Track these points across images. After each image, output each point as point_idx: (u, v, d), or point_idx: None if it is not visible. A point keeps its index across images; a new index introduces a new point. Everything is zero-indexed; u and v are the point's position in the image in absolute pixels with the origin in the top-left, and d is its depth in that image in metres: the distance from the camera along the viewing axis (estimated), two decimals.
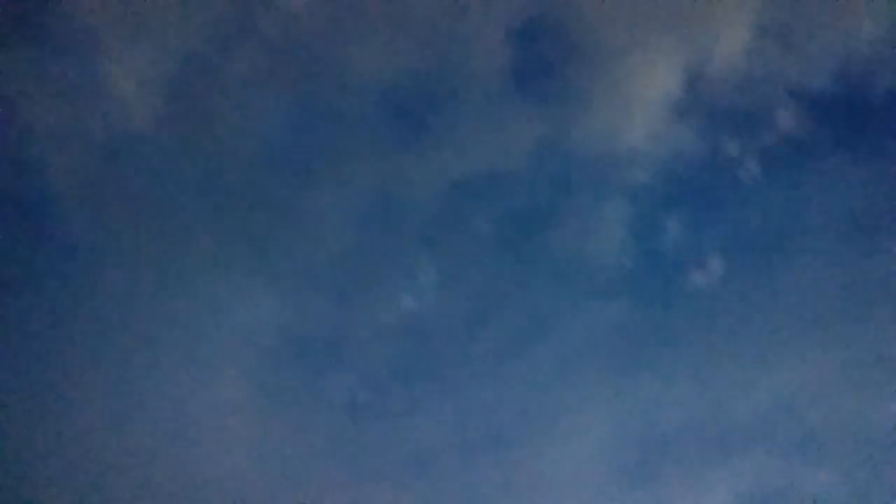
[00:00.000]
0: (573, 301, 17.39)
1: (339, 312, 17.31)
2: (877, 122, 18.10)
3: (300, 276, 17.51)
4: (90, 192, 17.23)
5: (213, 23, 17.85)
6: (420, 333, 17.22)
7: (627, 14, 18.46)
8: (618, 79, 18.56)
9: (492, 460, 16.11)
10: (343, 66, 18.26)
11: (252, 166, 17.81)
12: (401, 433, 16.38)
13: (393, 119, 18.28)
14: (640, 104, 18.51)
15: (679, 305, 17.16)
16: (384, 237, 17.90)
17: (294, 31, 18.15)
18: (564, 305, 17.37)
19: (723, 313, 17.04)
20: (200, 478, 15.35)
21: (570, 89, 18.52)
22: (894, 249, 17.07)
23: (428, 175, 18.20)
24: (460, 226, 18.02)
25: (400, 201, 18.02)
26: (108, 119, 17.43)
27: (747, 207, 17.92)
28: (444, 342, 17.15)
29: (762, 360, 16.59)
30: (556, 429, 16.32)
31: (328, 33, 18.27)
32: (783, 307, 16.96)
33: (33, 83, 17.29)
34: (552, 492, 15.61)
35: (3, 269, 16.37)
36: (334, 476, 15.86)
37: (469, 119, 18.44)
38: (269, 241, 17.56)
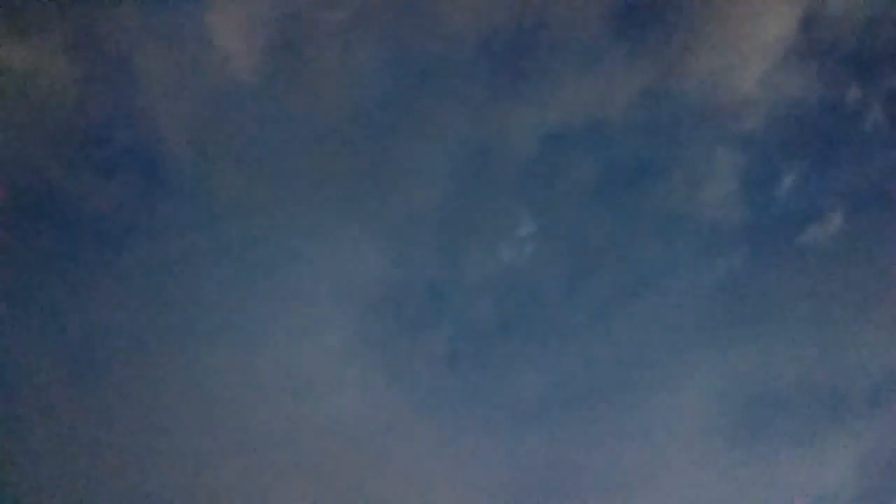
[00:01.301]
0: (679, 256, 16.88)
1: (439, 263, 17.39)
2: None
3: (400, 226, 17.61)
4: (197, 141, 17.66)
5: None
6: (519, 286, 17.14)
7: None
8: (727, 19, 17.53)
9: (592, 415, 16.06)
10: (441, 15, 17.89)
11: (352, 117, 17.83)
12: (499, 385, 16.49)
13: (491, 68, 17.87)
14: (752, 47, 17.48)
15: (794, 262, 16.43)
16: (483, 188, 17.73)
17: None
18: (670, 261, 16.89)
19: (841, 271, 16.24)
20: (305, 423, 15.91)
21: (676, 32, 17.63)
22: None
23: (526, 125, 17.81)
24: (560, 177, 17.64)
25: (498, 151, 17.76)
26: (213, 69, 17.72)
27: (870, 158, 16.86)
28: (544, 295, 17.03)
29: (883, 320, 15.77)
30: (658, 387, 16.09)
31: None
32: None
33: (143, 35, 17.71)
34: (653, 451, 15.48)
35: (117, 214, 17.06)
36: (433, 426, 16.16)
37: (568, 66, 17.85)
38: (369, 192, 17.68)
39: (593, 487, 15.44)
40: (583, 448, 15.81)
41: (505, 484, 15.60)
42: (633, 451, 15.63)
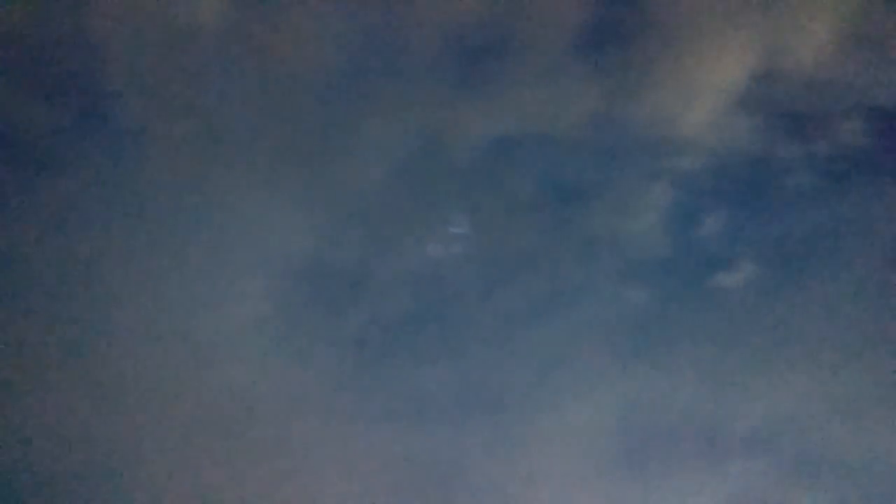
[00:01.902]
0: (597, 280, 17.33)
1: (366, 249, 17.45)
2: None
3: (331, 206, 17.57)
4: (146, 80, 17.25)
5: None
6: (440, 284, 17.34)
7: None
8: (686, 61, 18.05)
9: (488, 422, 16.35)
10: (411, 5, 17.90)
11: (304, 86, 17.69)
12: (404, 379, 16.65)
13: (453, 64, 17.98)
14: (703, 91, 18.04)
15: (701, 304, 17.03)
16: (421, 181, 17.86)
17: None
18: (587, 283, 17.33)
19: (744, 319, 16.89)
20: (211, 389, 15.79)
21: (636, 63, 18.07)
22: None
23: (478, 126, 18.01)
24: (501, 183, 17.89)
25: (445, 148, 17.89)
26: (172, 9, 17.30)
27: (791, 216, 17.59)
28: (462, 296, 17.26)
29: (774, 372, 16.47)
30: (555, 403, 16.46)
31: None
32: (805, 324, 16.76)
33: None
34: (540, 465, 15.84)
35: (50, 141, 16.53)
36: (332, 409, 16.22)
37: (528, 76, 18.12)
38: (312, 165, 17.58)
39: (476, 491, 15.76)
40: (473, 451, 16.10)
41: (391, 476, 15.78)
42: (520, 460, 15.99)
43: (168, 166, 17.07)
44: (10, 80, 16.59)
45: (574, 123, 18.07)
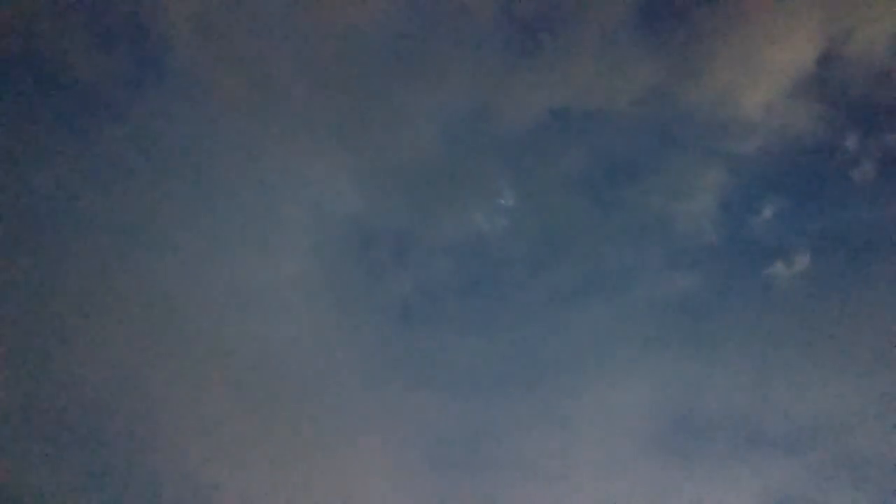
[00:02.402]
0: (645, 262, 17.10)
1: (413, 215, 17.40)
2: None
3: (382, 172, 17.49)
4: (204, 34, 17.16)
5: None
6: (485, 256, 17.23)
7: None
8: (751, 39, 17.40)
9: (524, 396, 16.35)
10: None
11: (359, 50, 17.46)
12: (443, 347, 16.68)
13: (508, 33, 17.58)
14: (766, 72, 17.41)
15: (751, 294, 16.70)
16: (472, 151, 17.63)
17: None
18: (635, 264, 17.10)
19: (794, 313, 16.52)
20: (248, 341, 15.98)
21: (697, 41, 17.47)
22: None
23: (530, 97, 17.66)
24: (551, 157, 17.59)
25: (497, 118, 17.61)
26: None
27: (851, 208, 16.99)
28: (508, 270, 17.17)
29: (822, 368, 16.13)
30: (593, 384, 16.40)
31: None
32: (857, 320, 16.30)
33: None
34: (574, 443, 15.82)
35: (106, 88, 16.59)
36: (373, 370, 16.34)
37: (584, 48, 17.63)
38: (363, 129, 17.48)
39: (508, 463, 15.81)
40: (507, 424, 16.13)
41: (424, 441, 15.90)
42: (554, 436, 15.98)
43: (222, 121, 17.07)
44: (70, 29, 16.61)
45: (630, 99, 17.66)
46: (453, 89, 17.59)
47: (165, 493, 14.62)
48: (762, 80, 17.44)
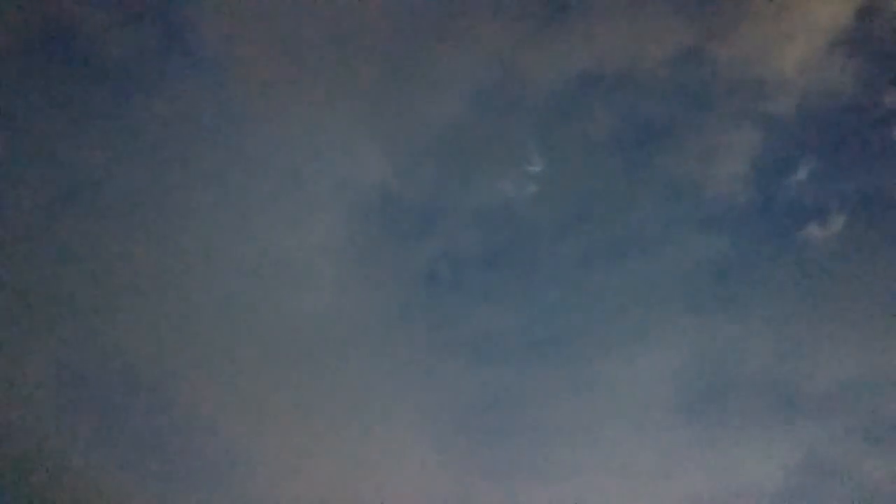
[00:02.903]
0: (676, 226, 16.81)
1: (440, 183, 17.27)
2: None
3: (409, 139, 17.36)
4: (230, 7, 17.07)
5: None
6: (513, 222, 17.10)
7: None
8: None
9: (552, 363, 16.31)
10: None
11: (388, 16, 17.25)
12: (471, 314, 16.66)
13: None
14: (800, 28, 16.87)
15: (785, 257, 16.35)
16: (500, 117, 17.40)
17: None
18: (666, 229, 16.84)
19: (828, 275, 16.18)
20: (277, 307, 16.14)
21: None
22: None
23: (558, 60, 17.32)
24: (580, 121, 17.32)
25: (524, 83, 17.33)
26: None
27: (889, 168, 16.51)
28: (536, 236, 17.02)
29: (856, 331, 15.82)
30: (622, 350, 16.30)
31: None
32: (894, 283, 15.92)
33: None
34: (602, 409, 15.79)
35: (132, 64, 16.64)
36: (400, 337, 16.42)
37: (613, 9, 17.24)
38: (386, 95, 17.32)
39: (534, 429, 15.87)
40: (535, 390, 16.14)
41: (451, 407, 15.99)
42: (582, 403, 15.96)
43: (250, 90, 17.06)
44: (97, 5, 16.64)
45: (660, 60, 17.22)
46: (481, 54, 17.35)
47: (196, 459, 14.93)
48: (798, 36, 16.92)
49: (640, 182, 17.11)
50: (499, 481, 15.78)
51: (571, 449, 15.84)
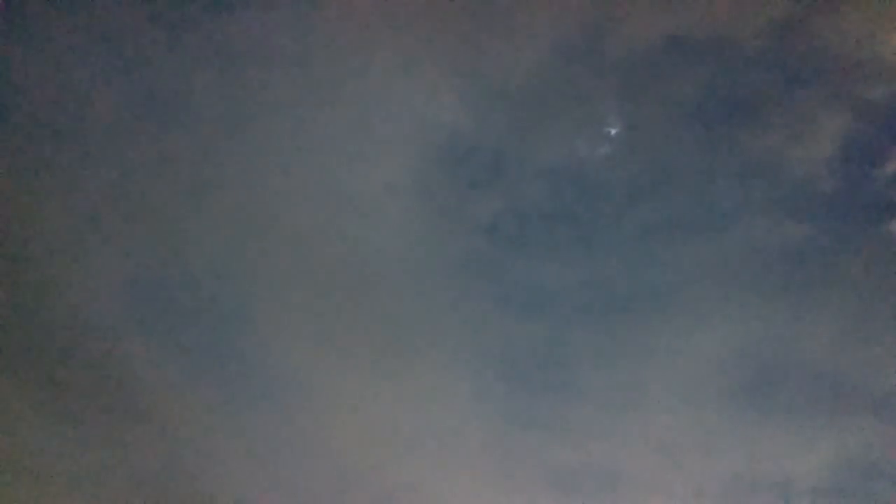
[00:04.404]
0: (753, 206, 16.26)
1: (512, 134, 16.94)
2: None
3: (481, 85, 16.99)
4: None
5: None
6: (583, 183, 16.74)
7: None
8: None
9: (604, 328, 16.18)
10: None
11: None
12: (530, 272, 16.53)
13: None
14: None
15: (864, 250, 15.74)
16: (580, 74, 16.89)
17: None
18: (741, 207, 16.29)
19: None
20: (342, 244, 16.27)
21: None
22: None
23: (646, 21, 16.65)
24: (663, 87, 16.72)
25: (609, 42, 16.73)
26: None
27: None
28: (604, 201, 16.67)
29: None
30: (677, 326, 16.05)
31: None
32: None
33: None
34: (648, 381, 15.67)
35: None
36: (455, 286, 16.44)
37: None
38: (464, 40, 16.91)
39: (578, 392, 15.86)
40: (584, 354, 16.08)
41: (500, 361, 16.05)
42: (629, 372, 15.88)
43: (327, 31, 16.83)
44: None
45: (755, 29, 16.43)
46: (566, 8, 16.77)
47: (258, 383, 15.36)
48: None
49: (718, 155, 16.56)
50: (533, 434, 15.94)
51: (612, 414, 15.85)
